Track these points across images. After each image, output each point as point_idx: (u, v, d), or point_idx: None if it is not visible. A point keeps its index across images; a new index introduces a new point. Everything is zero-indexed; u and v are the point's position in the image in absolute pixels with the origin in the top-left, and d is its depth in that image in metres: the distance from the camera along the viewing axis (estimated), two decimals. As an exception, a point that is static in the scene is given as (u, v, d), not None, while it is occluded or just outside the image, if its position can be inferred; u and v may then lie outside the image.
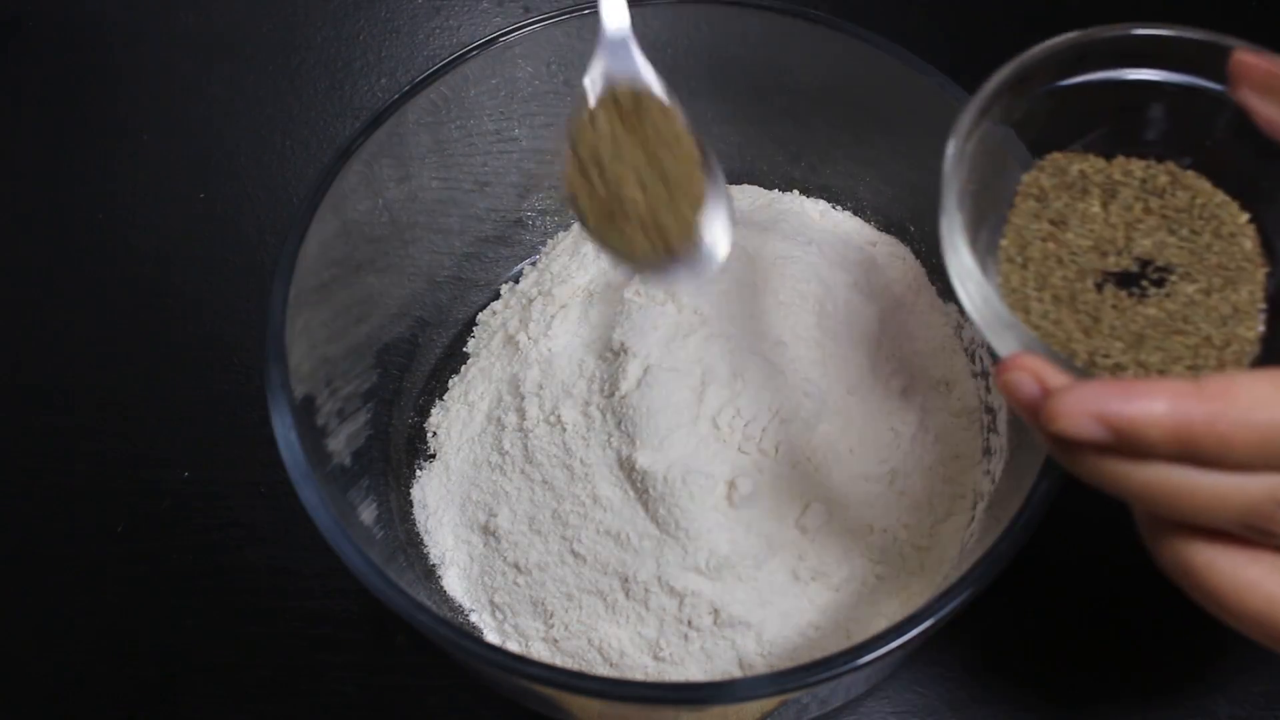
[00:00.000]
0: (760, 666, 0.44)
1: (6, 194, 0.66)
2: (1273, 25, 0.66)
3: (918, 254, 0.55)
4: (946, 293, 0.54)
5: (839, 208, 0.57)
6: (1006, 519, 0.38)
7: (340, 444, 0.45)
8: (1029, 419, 0.30)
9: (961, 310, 0.52)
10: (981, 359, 0.51)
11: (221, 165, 0.66)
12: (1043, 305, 0.35)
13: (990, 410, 0.50)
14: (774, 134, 0.56)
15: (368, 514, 0.46)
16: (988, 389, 0.50)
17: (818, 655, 0.40)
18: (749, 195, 0.58)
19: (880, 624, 0.44)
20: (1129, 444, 0.28)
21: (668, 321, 0.48)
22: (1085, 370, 0.33)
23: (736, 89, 0.55)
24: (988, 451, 0.49)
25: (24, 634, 0.51)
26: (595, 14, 0.41)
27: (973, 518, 0.47)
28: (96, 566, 0.53)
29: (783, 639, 0.44)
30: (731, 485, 0.44)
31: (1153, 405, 0.28)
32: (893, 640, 0.35)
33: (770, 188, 0.59)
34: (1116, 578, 0.50)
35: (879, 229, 0.57)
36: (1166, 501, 0.29)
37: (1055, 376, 0.30)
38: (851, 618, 0.45)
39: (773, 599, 0.44)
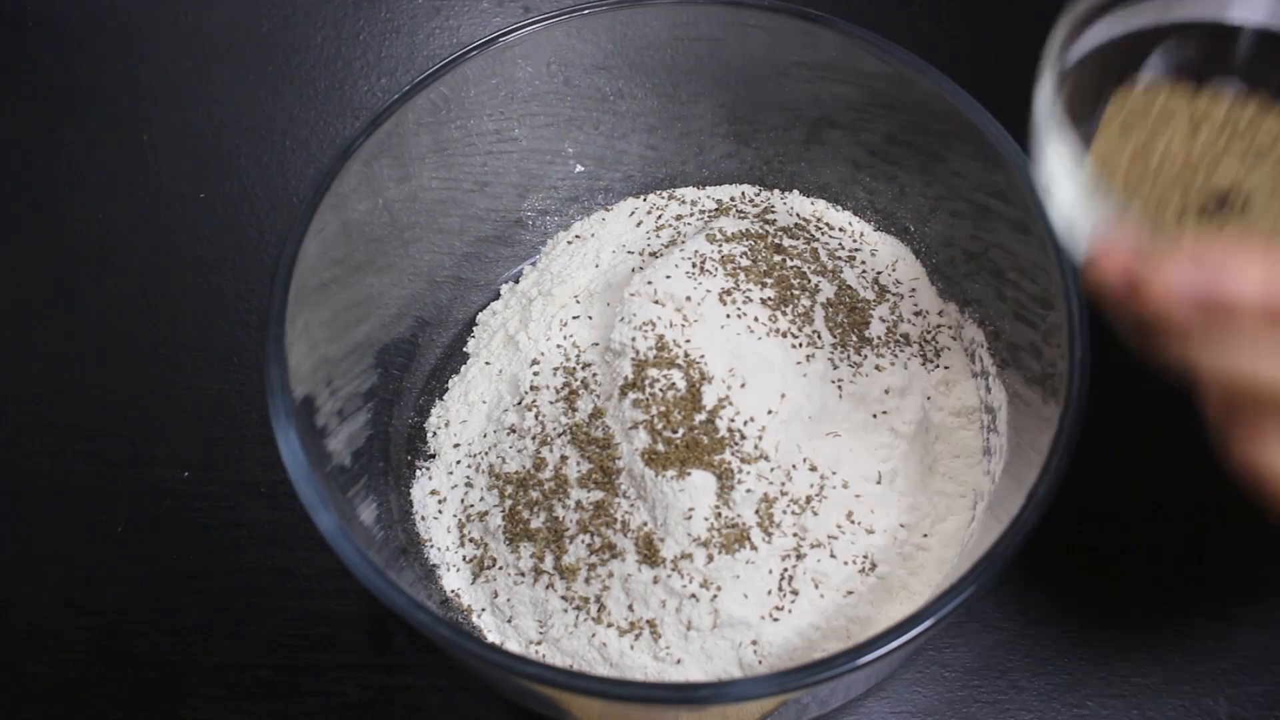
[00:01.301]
0: (760, 667, 0.44)
1: (6, 194, 0.66)
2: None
3: (918, 254, 0.55)
4: (947, 293, 0.54)
5: (839, 207, 0.57)
6: (1007, 519, 0.38)
7: (340, 444, 0.45)
8: (1124, 296, 0.31)
9: (957, 305, 0.52)
10: (981, 359, 0.51)
11: (221, 165, 0.66)
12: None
13: (990, 410, 0.50)
14: (773, 133, 0.56)
15: (368, 514, 0.46)
16: (988, 389, 0.50)
17: (818, 655, 0.40)
18: (748, 195, 0.58)
19: (880, 624, 0.44)
20: (1222, 291, 0.29)
21: (666, 320, 0.48)
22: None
23: (736, 89, 0.55)
24: (988, 451, 0.49)
25: (24, 634, 0.51)
26: (595, 14, 0.41)
27: (973, 518, 0.47)
28: (96, 566, 0.53)
29: (783, 639, 0.44)
30: (731, 485, 0.44)
31: (1249, 257, 0.29)
32: (893, 640, 0.35)
33: (770, 187, 0.59)
34: (1116, 577, 0.50)
35: (879, 229, 0.57)
36: (1254, 367, 0.30)
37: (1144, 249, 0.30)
38: (851, 618, 0.45)
39: (772, 598, 0.44)
